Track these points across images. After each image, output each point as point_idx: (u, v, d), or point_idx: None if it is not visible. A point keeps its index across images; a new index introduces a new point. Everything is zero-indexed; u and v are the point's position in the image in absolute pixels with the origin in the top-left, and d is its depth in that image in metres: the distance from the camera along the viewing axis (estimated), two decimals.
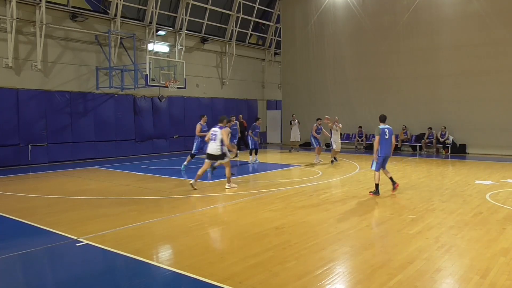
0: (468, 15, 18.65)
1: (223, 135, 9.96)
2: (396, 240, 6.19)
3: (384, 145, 9.55)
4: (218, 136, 10.00)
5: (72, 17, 16.76)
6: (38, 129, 15.76)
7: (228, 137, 10.13)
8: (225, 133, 10.01)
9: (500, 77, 17.97)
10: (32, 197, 9.62)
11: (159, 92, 20.09)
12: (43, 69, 15.97)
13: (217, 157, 10.18)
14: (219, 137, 9.99)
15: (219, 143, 9.98)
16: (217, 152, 10.04)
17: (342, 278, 4.88)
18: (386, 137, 9.59)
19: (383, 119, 9.87)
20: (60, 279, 5.03)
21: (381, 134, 9.54)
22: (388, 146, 9.61)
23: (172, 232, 6.84)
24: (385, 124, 9.78)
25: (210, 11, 22.30)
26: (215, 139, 10.02)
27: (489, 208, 8.21)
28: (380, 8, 21.22)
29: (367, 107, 21.84)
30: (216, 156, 10.15)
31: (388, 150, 9.62)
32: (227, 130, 10.07)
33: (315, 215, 7.70)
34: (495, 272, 4.89)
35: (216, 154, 10.07)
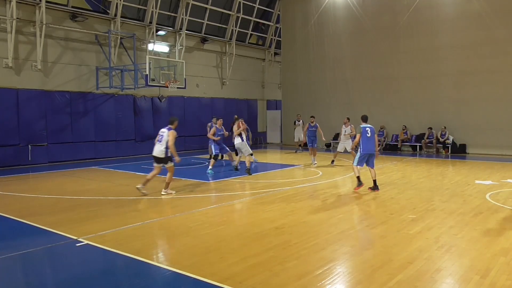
0: (468, 15, 18.65)
1: (169, 137, 9.32)
2: (396, 240, 6.19)
3: (366, 143, 10.01)
4: (164, 138, 9.37)
5: (72, 17, 16.76)
6: (38, 129, 15.76)
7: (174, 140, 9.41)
8: (172, 135, 9.36)
9: (500, 76, 17.97)
10: (32, 197, 9.62)
11: (159, 92, 20.09)
12: (43, 69, 15.98)
13: (160, 160, 9.48)
14: (165, 139, 9.35)
15: (164, 145, 9.34)
16: (160, 154, 9.39)
17: (342, 278, 4.87)
18: (368, 135, 10.04)
19: (364, 119, 10.37)
20: (60, 279, 5.03)
21: (362, 133, 10.01)
22: (370, 144, 10.05)
23: (172, 232, 6.84)
24: (366, 124, 10.27)
25: (210, 11, 22.30)
26: (161, 140, 9.40)
27: (489, 208, 8.21)
28: (380, 8, 21.23)
29: (367, 107, 21.79)
30: (160, 159, 9.46)
31: (370, 148, 10.05)
32: (174, 132, 9.41)
33: (315, 215, 7.70)
34: (495, 272, 4.89)
35: (159, 156, 9.43)
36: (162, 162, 9.51)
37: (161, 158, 9.42)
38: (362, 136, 10.00)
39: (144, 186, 9.56)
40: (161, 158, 9.43)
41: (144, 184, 9.56)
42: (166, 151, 9.38)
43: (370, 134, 10.05)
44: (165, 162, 9.51)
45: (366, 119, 10.41)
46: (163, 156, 9.40)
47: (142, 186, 9.56)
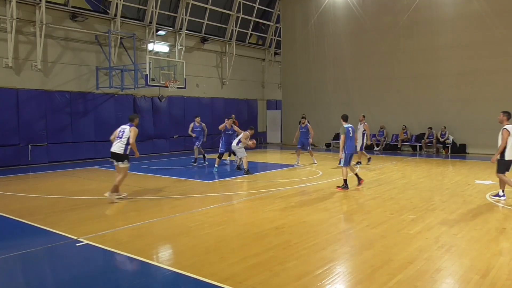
0: (468, 15, 18.65)
1: (131, 133, 9.00)
2: (396, 240, 6.19)
3: (349, 143, 10.24)
4: (126, 134, 9.04)
5: (72, 17, 16.76)
6: (38, 129, 15.75)
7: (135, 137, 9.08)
8: (134, 131, 9.03)
9: (500, 76, 17.97)
10: (32, 197, 9.62)
11: (159, 92, 20.09)
12: (43, 69, 15.97)
13: (117, 157, 9.08)
14: (126, 135, 9.03)
15: (125, 142, 9.00)
16: (119, 150, 9.00)
17: (342, 278, 4.88)
18: (350, 135, 10.28)
19: (345, 119, 10.46)
20: (60, 279, 5.03)
21: (346, 133, 10.15)
22: (352, 143, 10.38)
23: (172, 232, 6.84)
24: (347, 123, 10.40)
25: (210, 11, 22.30)
26: (122, 137, 9.06)
27: (489, 208, 8.21)
28: (380, 8, 21.23)
29: (367, 107, 21.83)
30: (118, 156, 9.07)
31: (353, 147, 10.40)
32: (136, 129, 9.10)
33: (315, 215, 7.70)
34: (495, 272, 4.90)
35: (118, 152, 9.03)
36: (119, 160, 9.08)
37: (119, 154, 9.03)
38: (346, 136, 10.17)
39: (114, 193, 8.99)
40: (119, 155, 9.03)
41: (113, 191, 8.99)
42: (126, 148, 9.04)
43: (352, 133, 10.35)
44: (122, 160, 9.07)
45: (346, 118, 10.50)
46: (121, 153, 9.02)
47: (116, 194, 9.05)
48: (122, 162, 9.11)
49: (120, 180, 9.12)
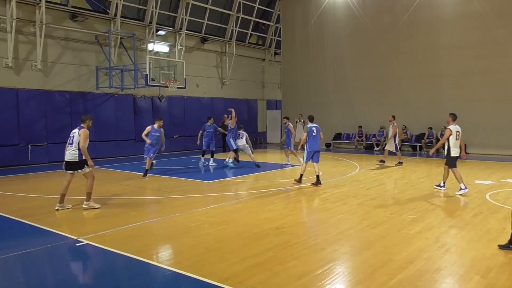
0: (468, 15, 18.65)
1: (80, 137, 8.13)
2: (396, 240, 6.19)
3: (311, 141, 10.85)
4: (75, 139, 8.19)
5: (72, 17, 16.76)
6: (38, 129, 15.75)
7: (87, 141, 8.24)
8: (84, 134, 8.17)
9: (500, 77, 17.97)
10: (32, 197, 9.62)
11: (159, 92, 20.09)
12: (43, 69, 15.98)
13: (74, 166, 8.22)
14: (76, 140, 8.17)
15: (76, 147, 8.16)
16: (73, 158, 8.16)
17: (342, 278, 4.88)
18: (313, 134, 10.88)
19: (311, 119, 11.29)
20: (60, 279, 5.02)
21: (309, 132, 10.85)
22: (315, 142, 10.91)
23: (172, 232, 6.84)
24: (313, 123, 11.12)
25: (210, 11, 22.30)
26: (72, 143, 8.22)
27: (489, 208, 8.21)
28: (380, 8, 21.23)
29: (367, 107, 21.85)
30: (73, 165, 8.21)
31: (315, 145, 10.90)
32: (87, 132, 8.27)
33: (315, 215, 7.70)
34: (495, 272, 4.90)
35: (72, 161, 8.19)
36: (77, 168, 8.22)
37: (75, 162, 8.18)
38: (309, 135, 10.83)
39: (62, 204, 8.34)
40: (75, 163, 8.18)
41: (61, 202, 8.34)
42: (80, 154, 8.16)
43: (315, 133, 10.91)
44: (80, 167, 8.23)
45: (312, 119, 11.29)
46: (76, 160, 8.16)
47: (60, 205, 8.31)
48: (82, 169, 8.24)
49: (91, 186, 8.42)
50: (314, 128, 10.94)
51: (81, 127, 8.32)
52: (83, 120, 8.46)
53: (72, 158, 8.20)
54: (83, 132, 8.21)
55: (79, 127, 8.34)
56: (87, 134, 8.26)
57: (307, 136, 10.83)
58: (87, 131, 8.29)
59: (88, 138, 8.29)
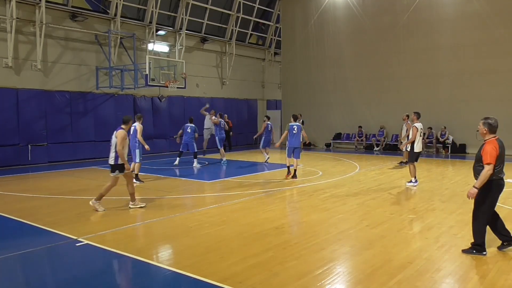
0: (468, 15, 18.65)
1: (117, 139, 7.97)
2: (396, 240, 6.19)
3: (291, 138, 11.78)
4: (113, 141, 8.11)
5: (72, 17, 16.75)
6: (38, 129, 15.75)
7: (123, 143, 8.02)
8: (120, 136, 7.97)
9: (500, 76, 17.97)
10: (32, 197, 9.62)
11: (159, 92, 20.09)
12: (43, 69, 15.97)
13: (113, 168, 8.16)
14: (113, 142, 8.07)
15: (113, 150, 8.07)
16: (110, 161, 8.12)
17: (342, 278, 4.88)
18: (294, 132, 11.76)
19: (294, 118, 12.26)
20: (60, 279, 5.03)
21: (289, 129, 11.81)
22: (294, 139, 11.77)
23: (172, 232, 6.84)
24: (294, 122, 12.02)
25: (210, 11, 22.30)
26: (111, 144, 8.16)
27: None
28: (380, 8, 21.23)
29: (367, 107, 21.85)
30: (111, 167, 8.16)
31: (294, 143, 11.77)
32: (123, 132, 8.02)
33: (315, 215, 7.71)
34: (494, 272, 4.90)
35: (110, 163, 8.16)
36: (116, 170, 8.16)
37: (112, 165, 8.15)
38: (289, 132, 11.75)
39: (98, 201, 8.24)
40: (112, 166, 8.15)
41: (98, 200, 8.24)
42: (116, 157, 8.07)
43: (296, 131, 11.76)
44: (120, 170, 8.15)
45: (295, 118, 12.30)
46: (112, 163, 8.11)
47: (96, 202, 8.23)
48: (121, 171, 8.21)
49: (132, 187, 8.40)
50: (295, 127, 11.80)
51: (119, 128, 8.16)
52: (124, 120, 8.32)
53: (109, 160, 8.17)
54: (119, 133, 8.01)
55: (118, 128, 8.17)
56: (124, 135, 8.02)
57: (287, 134, 11.77)
58: (123, 132, 8.05)
59: (125, 139, 8.05)
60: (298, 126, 11.87)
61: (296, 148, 11.77)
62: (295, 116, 12.38)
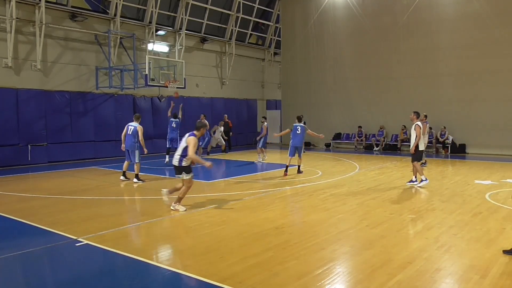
0: (468, 15, 18.66)
1: (189, 144, 7.86)
2: (396, 240, 6.19)
3: (294, 138, 12.40)
4: (182, 145, 8.09)
5: (71, 17, 16.75)
6: (38, 129, 15.74)
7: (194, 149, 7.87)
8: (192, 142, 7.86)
9: (499, 76, 17.98)
10: (32, 197, 9.61)
11: (159, 92, 20.09)
12: (43, 69, 15.97)
13: (176, 170, 8.15)
14: (182, 146, 8.04)
15: (179, 152, 8.03)
16: (175, 162, 8.10)
17: (342, 278, 4.88)
18: (298, 132, 12.36)
19: (298, 119, 12.73)
20: (60, 279, 5.02)
21: (293, 129, 12.45)
22: (298, 139, 12.36)
23: (172, 232, 6.84)
24: (299, 123, 12.58)
25: (210, 11, 22.30)
26: (178, 147, 8.26)
27: (489, 208, 8.21)
28: (380, 8, 21.24)
29: (366, 107, 21.86)
30: (176, 169, 8.15)
31: (297, 142, 12.37)
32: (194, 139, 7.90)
33: (315, 215, 7.70)
34: (494, 272, 4.90)
35: (174, 164, 8.16)
36: (178, 172, 8.13)
37: (176, 167, 8.12)
38: (293, 132, 12.38)
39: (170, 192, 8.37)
40: (177, 167, 8.12)
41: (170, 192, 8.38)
42: (181, 160, 8.01)
43: (300, 131, 12.36)
44: (180, 172, 8.10)
45: (300, 119, 12.75)
46: (176, 165, 8.08)
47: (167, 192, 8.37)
48: (180, 174, 8.10)
49: (183, 192, 8.16)
50: (299, 127, 12.42)
51: (192, 134, 7.99)
52: (198, 126, 8.09)
53: (174, 162, 8.14)
54: (191, 140, 7.86)
55: (190, 133, 8.00)
56: (195, 142, 7.88)
57: (291, 133, 12.41)
58: (195, 139, 7.89)
59: (196, 146, 7.89)
60: (302, 127, 12.45)
61: (298, 147, 12.44)
62: (299, 117, 12.81)
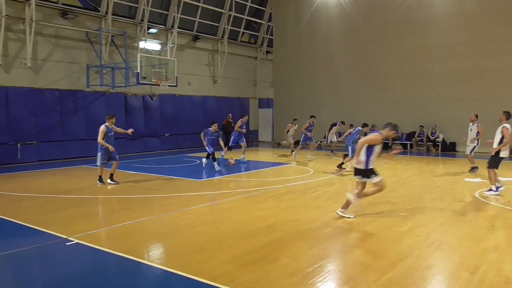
0: (459, 14, 18.78)
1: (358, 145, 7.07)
2: (387, 237, 6.22)
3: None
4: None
5: (62, 14, 16.61)
6: (28, 127, 15.60)
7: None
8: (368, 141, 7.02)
9: (490, 76, 18.13)
10: (22, 196, 9.52)
11: (151, 90, 20.00)
12: (33, 66, 15.82)
13: (359, 172, 7.25)
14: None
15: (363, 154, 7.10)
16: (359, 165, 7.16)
17: (333, 275, 4.89)
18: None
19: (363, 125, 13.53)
20: (50, 279, 4.98)
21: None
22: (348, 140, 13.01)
23: (163, 230, 6.81)
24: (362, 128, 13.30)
25: (202, 9, 22.23)
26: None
27: (479, 205, 8.29)
28: (372, 7, 21.30)
29: (358, 105, 21.92)
30: (358, 171, 7.26)
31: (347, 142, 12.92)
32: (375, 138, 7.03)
33: (306, 213, 7.72)
34: (484, 269, 4.94)
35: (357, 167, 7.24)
36: (361, 175, 7.22)
37: (363, 170, 7.16)
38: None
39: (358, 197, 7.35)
40: (363, 170, 7.17)
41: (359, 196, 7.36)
42: (367, 162, 7.10)
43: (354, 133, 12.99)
44: (366, 175, 7.17)
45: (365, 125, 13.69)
46: (363, 168, 7.13)
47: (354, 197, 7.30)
48: (367, 177, 7.20)
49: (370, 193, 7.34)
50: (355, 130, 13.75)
51: (377, 131, 7.28)
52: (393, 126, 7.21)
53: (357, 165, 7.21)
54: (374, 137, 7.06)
55: (376, 131, 7.34)
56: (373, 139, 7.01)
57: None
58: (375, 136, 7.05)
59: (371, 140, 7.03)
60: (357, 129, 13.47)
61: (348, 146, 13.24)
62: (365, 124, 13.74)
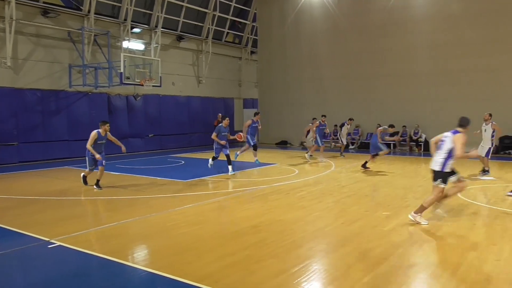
0: (442, 15, 19.10)
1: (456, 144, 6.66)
2: (371, 237, 6.29)
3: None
4: (446, 145, 6.83)
5: (43, 13, 16.33)
6: (8, 128, 15.30)
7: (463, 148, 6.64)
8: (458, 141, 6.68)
9: (472, 76, 18.48)
10: (2, 198, 9.33)
11: (134, 91, 19.82)
12: (13, 66, 15.52)
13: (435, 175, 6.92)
14: (447, 147, 6.79)
15: (443, 155, 6.82)
16: (435, 166, 6.90)
17: (318, 275, 4.92)
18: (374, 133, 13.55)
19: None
20: (32, 282, 4.89)
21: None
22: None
23: (148, 232, 6.76)
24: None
25: (186, 9, 22.13)
26: (441, 148, 6.91)
27: (460, 204, 8.43)
28: (356, 8, 21.51)
29: (342, 105, 22.10)
30: (435, 173, 6.93)
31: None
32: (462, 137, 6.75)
33: (291, 213, 7.75)
34: (465, 267, 5.03)
35: (434, 169, 6.94)
36: (437, 177, 6.87)
37: (439, 172, 6.85)
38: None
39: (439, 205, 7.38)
40: (439, 173, 6.85)
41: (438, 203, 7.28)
42: (444, 164, 6.80)
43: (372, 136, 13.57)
44: (441, 178, 6.83)
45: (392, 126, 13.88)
46: (438, 170, 6.84)
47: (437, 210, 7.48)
48: (435, 181, 6.91)
49: (430, 201, 6.95)
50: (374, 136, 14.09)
51: (455, 131, 6.91)
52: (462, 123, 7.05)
53: (434, 166, 6.92)
54: (459, 137, 6.71)
55: (454, 131, 6.92)
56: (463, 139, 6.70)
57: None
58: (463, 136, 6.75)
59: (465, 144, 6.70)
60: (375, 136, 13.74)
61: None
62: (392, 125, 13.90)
